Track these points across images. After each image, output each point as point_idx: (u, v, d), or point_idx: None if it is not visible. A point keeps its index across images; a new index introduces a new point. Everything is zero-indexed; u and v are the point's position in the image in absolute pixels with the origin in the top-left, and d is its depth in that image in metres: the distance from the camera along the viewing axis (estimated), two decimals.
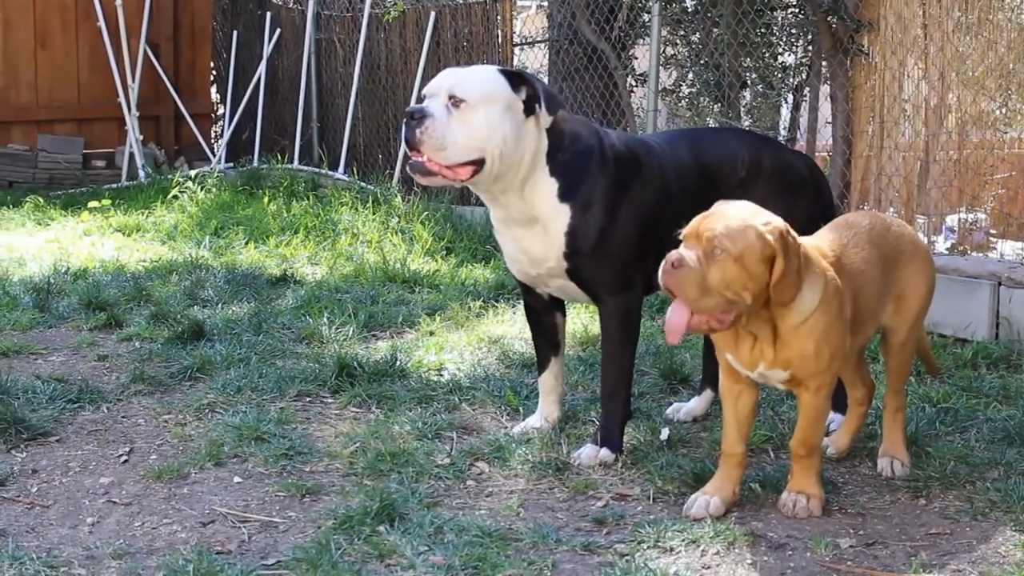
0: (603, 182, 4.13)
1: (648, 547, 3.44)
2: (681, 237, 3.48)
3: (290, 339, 5.75)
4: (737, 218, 3.45)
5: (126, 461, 4.22)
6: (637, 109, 8.96)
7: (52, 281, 6.98)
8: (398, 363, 5.17)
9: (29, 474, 4.09)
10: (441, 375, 5.16)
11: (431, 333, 5.90)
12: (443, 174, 4.00)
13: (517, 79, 4.06)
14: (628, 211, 4.14)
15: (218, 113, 14.66)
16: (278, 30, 13.05)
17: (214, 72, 14.76)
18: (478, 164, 4.00)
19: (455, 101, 3.98)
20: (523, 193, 4.12)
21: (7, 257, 7.94)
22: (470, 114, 3.97)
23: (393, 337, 5.90)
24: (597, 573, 3.26)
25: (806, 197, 4.41)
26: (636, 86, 9.27)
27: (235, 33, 13.86)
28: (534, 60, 10.78)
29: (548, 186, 4.11)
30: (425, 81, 10.74)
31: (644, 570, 3.24)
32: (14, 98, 13.27)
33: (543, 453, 4.18)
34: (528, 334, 4.73)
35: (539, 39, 10.98)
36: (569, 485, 3.95)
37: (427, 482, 3.93)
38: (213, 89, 14.73)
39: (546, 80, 10.37)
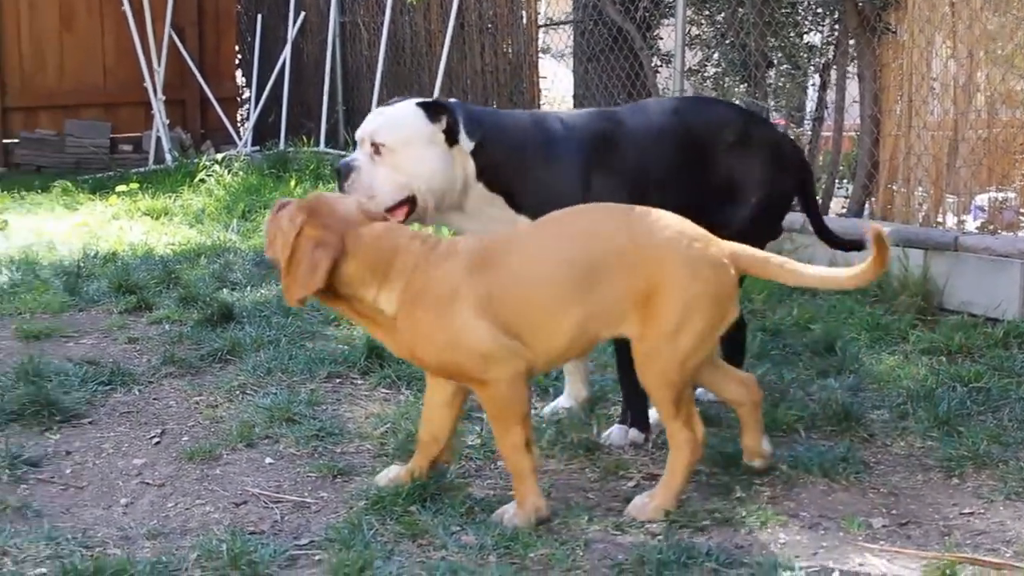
0: (557, 179, 4.06)
1: (680, 526, 3.44)
2: None
3: (319, 321, 5.76)
4: (286, 211, 3.47)
5: (158, 443, 4.24)
6: (663, 90, 8.94)
7: (82, 265, 7.01)
8: None
9: (63, 456, 4.12)
10: None
11: None
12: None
13: (435, 111, 4.03)
14: (595, 195, 4.02)
15: (243, 97, 14.70)
16: (302, 13, 13.07)
17: (239, 56, 14.79)
18: (410, 203, 3.99)
19: (376, 148, 3.99)
20: (468, 213, 4.11)
21: (37, 241, 7.99)
22: (391, 157, 3.97)
23: None
24: (629, 552, 3.26)
25: (791, 176, 4.41)
26: (661, 66, 9.25)
27: (259, 17, 13.89)
28: (559, 41, 10.76)
29: (493, 201, 4.09)
30: (449, 64, 10.79)
31: (676, 549, 3.24)
32: (41, 83, 13.34)
33: (573, 434, 4.19)
34: None
35: (564, 20, 10.96)
36: (600, 465, 3.95)
37: (458, 462, 3.94)
38: (238, 73, 14.77)
39: (571, 62, 10.37)
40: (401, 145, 3.99)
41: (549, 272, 3.42)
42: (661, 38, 9.59)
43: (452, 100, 4.16)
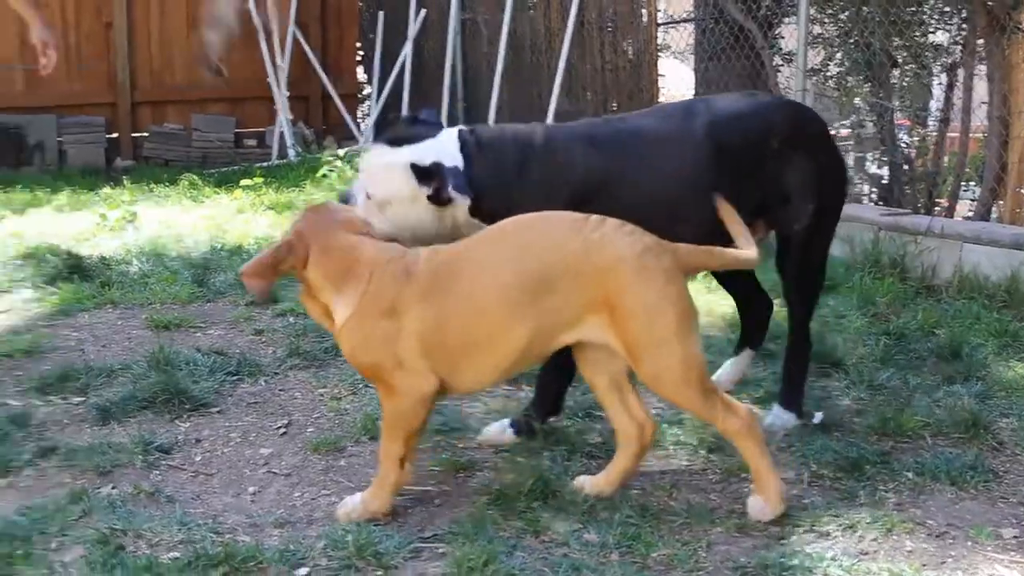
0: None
1: (803, 531, 3.42)
2: None
3: None
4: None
5: (284, 433, 4.33)
6: (784, 89, 8.86)
7: (209, 257, 7.16)
8: None
9: (193, 444, 4.22)
10: None
11: None
12: None
13: (423, 175, 3.94)
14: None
15: (364, 93, 14.86)
16: (423, 11, 13.17)
17: (361, 52, 14.97)
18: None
19: (368, 195, 4.02)
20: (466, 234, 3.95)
21: (166, 233, 8.18)
22: (377, 208, 3.98)
23: None
24: (751, 556, 3.25)
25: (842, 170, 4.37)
26: (783, 65, 9.16)
27: (381, 14, 14.04)
28: (679, 40, 10.71)
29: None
30: (569, 62, 10.79)
31: (800, 554, 3.22)
32: (169, 79, 13.64)
33: (696, 434, 4.18)
34: None
35: (684, 18, 10.91)
36: (722, 467, 3.94)
37: (579, 460, 3.96)
38: (360, 69, 14.95)
39: (691, 61, 10.31)
40: (388, 200, 3.98)
41: (501, 284, 3.44)
42: (783, 37, 9.50)
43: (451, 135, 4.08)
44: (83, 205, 9.78)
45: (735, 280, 4.58)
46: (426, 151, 3.98)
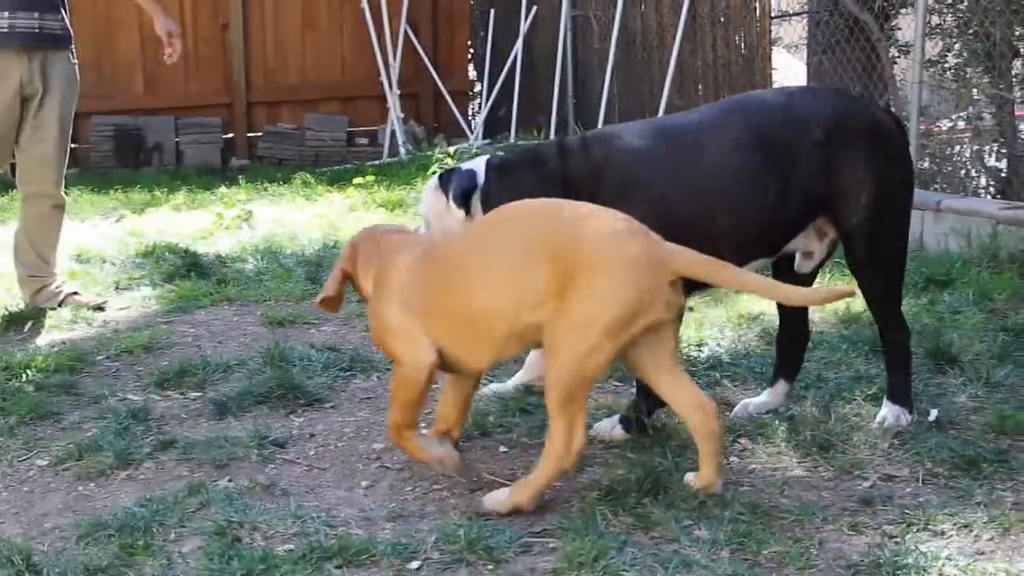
0: None
1: (918, 529, 3.36)
2: None
3: None
4: None
5: None
6: (900, 81, 8.72)
7: (322, 254, 7.26)
8: None
9: (307, 438, 4.29)
10: (701, 351, 5.14)
11: (690, 309, 5.88)
12: None
13: (444, 183, 4.26)
14: None
15: (475, 91, 14.94)
16: (534, 8, 13.20)
17: (471, 50, 15.05)
18: None
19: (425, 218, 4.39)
20: None
21: (280, 231, 8.31)
22: (426, 229, 4.34)
23: None
24: (865, 554, 3.21)
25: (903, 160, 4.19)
26: (899, 57, 9.02)
27: (492, 12, 14.10)
28: (792, 33, 10.60)
29: None
30: (681, 56, 10.74)
31: (914, 553, 3.17)
32: (282, 79, 13.85)
33: (807, 431, 4.13)
34: None
35: (798, 11, 10.79)
36: (834, 464, 3.89)
37: (690, 456, 3.93)
38: (470, 67, 15.03)
39: (804, 54, 10.20)
40: (429, 217, 4.31)
41: (486, 266, 3.56)
42: (899, 28, 9.35)
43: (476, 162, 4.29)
44: (200, 204, 9.98)
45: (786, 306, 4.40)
46: (456, 170, 4.31)
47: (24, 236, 6.26)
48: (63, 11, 6.15)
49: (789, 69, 11.76)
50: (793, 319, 4.39)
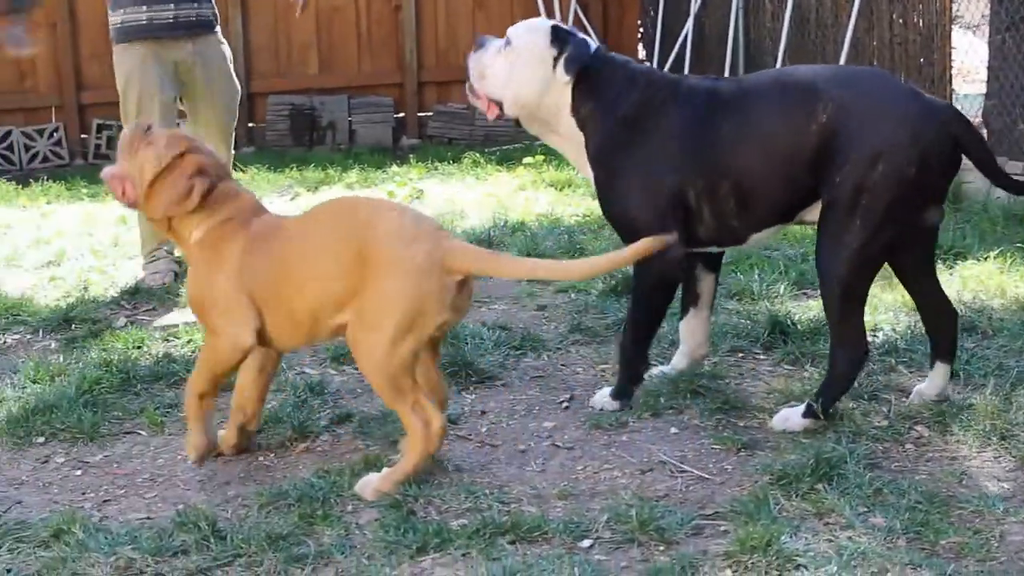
0: (612, 141, 4.20)
1: None
2: None
3: (720, 295, 5.75)
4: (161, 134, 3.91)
5: (567, 407, 4.40)
6: None
7: (493, 233, 7.33)
8: None
9: (478, 415, 4.35)
10: (876, 336, 5.04)
11: None
12: (483, 100, 4.38)
13: (559, 36, 4.23)
14: (638, 167, 4.14)
15: None
16: None
17: (641, 30, 14.97)
18: (500, 105, 4.32)
19: (507, 41, 4.29)
20: (564, 138, 4.34)
21: (450, 210, 8.41)
22: (508, 56, 4.26)
23: None
24: None
25: (916, 139, 3.84)
26: None
27: None
28: (973, 11, 10.28)
29: (579, 140, 4.29)
30: (855, 35, 10.51)
31: None
32: (453, 58, 13.93)
33: (986, 420, 4.02)
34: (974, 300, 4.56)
35: None
36: (1016, 455, 3.79)
37: (864, 443, 3.88)
38: (640, 47, 14.96)
39: (986, 31, 9.88)
40: (518, 50, 4.25)
41: (295, 256, 3.70)
42: None
43: (594, 42, 4.32)
44: (372, 182, 10.15)
45: (914, 284, 4.30)
46: (573, 34, 4.28)
47: None
48: None
49: (971, 48, 11.40)
50: (928, 298, 4.26)
